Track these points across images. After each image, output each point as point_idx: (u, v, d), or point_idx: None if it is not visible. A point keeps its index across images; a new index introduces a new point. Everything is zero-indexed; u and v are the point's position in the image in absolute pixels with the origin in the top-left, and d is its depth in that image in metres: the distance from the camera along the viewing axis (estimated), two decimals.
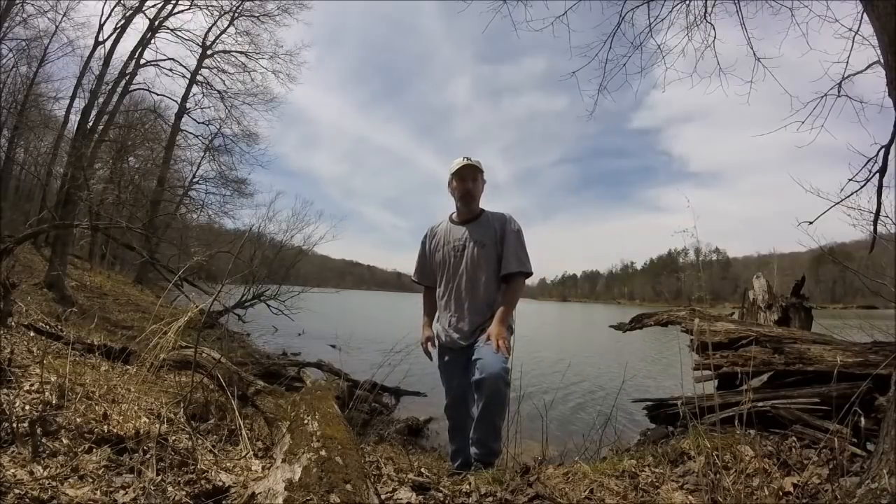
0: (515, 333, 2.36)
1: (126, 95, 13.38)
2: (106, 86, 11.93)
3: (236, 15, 15.64)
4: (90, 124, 11.34)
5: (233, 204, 17.24)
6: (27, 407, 1.68)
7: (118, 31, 12.45)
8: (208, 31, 15.70)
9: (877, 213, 3.35)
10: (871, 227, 3.39)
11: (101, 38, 12.74)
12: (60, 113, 16.71)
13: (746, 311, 3.82)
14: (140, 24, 13.10)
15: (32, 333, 3.33)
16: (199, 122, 16.78)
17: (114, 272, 16.96)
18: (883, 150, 3.25)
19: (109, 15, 12.82)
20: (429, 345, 2.51)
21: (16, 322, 3.46)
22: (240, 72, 16.35)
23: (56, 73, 30.96)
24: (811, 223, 3.64)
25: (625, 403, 3.85)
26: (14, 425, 1.43)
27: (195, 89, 16.15)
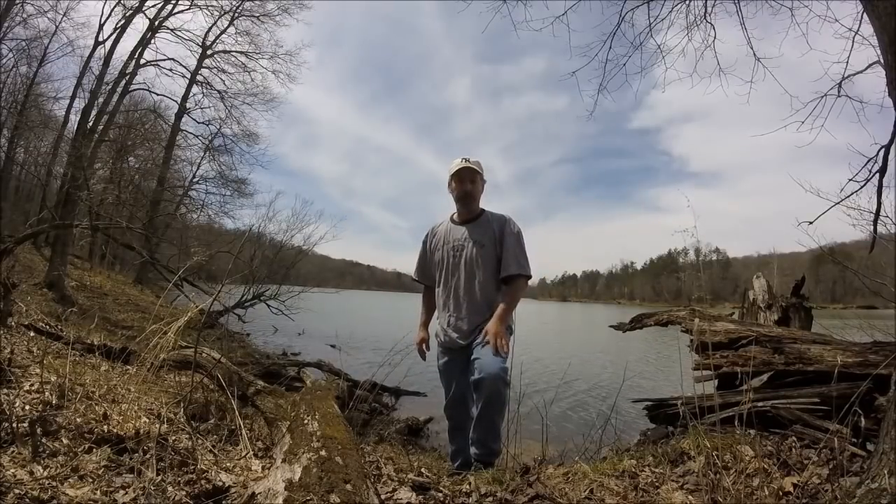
0: (515, 334, 2.36)
1: (126, 95, 13.34)
2: (106, 86, 11.91)
3: (236, 15, 15.63)
4: (90, 124, 11.31)
5: (233, 204, 17.23)
6: (27, 407, 1.68)
7: (118, 31, 12.44)
8: (208, 31, 15.71)
9: (877, 213, 3.36)
10: (871, 227, 3.41)
11: (101, 38, 12.76)
12: (60, 113, 16.79)
13: (746, 311, 3.82)
14: (140, 24, 13.09)
15: (32, 333, 3.34)
16: (199, 122, 16.79)
17: (114, 272, 16.98)
18: (883, 150, 3.26)
19: (109, 15, 12.84)
20: (423, 346, 2.54)
21: (16, 322, 3.46)
22: (240, 72, 16.35)
23: (56, 73, 31.04)
24: (811, 223, 3.66)
25: (625, 403, 3.85)
26: (14, 425, 1.43)
27: (195, 89, 16.16)
